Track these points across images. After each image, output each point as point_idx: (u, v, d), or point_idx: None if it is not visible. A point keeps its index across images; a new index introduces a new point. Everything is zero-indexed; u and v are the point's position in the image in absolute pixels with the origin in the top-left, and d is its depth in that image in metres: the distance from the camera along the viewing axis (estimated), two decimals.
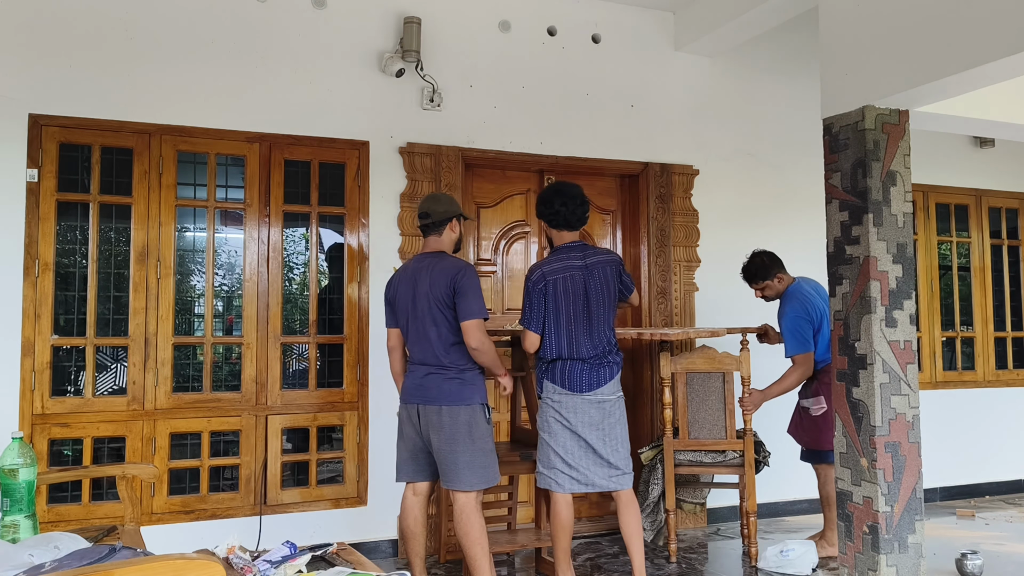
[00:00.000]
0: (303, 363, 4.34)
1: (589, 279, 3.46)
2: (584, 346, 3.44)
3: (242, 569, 1.97)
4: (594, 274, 3.48)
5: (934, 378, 5.86)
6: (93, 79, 3.97)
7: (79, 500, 3.88)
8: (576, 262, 3.48)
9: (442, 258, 3.37)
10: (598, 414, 3.44)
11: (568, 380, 3.43)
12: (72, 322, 3.95)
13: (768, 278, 4.34)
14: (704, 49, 5.15)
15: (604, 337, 3.48)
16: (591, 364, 3.45)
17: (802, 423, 4.32)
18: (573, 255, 3.50)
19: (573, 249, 3.52)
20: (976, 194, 6.13)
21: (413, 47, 4.40)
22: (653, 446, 4.40)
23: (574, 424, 3.42)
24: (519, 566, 4.21)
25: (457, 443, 3.23)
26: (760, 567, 4.12)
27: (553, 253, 3.57)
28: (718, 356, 4.27)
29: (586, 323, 3.45)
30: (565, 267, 3.46)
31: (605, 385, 3.46)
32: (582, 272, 3.46)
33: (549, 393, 3.48)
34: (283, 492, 4.21)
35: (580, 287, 3.45)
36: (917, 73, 3.33)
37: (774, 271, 4.33)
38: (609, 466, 3.44)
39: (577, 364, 3.44)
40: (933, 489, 5.70)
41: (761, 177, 5.33)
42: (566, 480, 3.42)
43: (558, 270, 3.45)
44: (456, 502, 3.29)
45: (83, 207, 4.00)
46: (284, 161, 4.30)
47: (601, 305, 3.47)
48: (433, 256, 3.39)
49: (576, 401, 3.42)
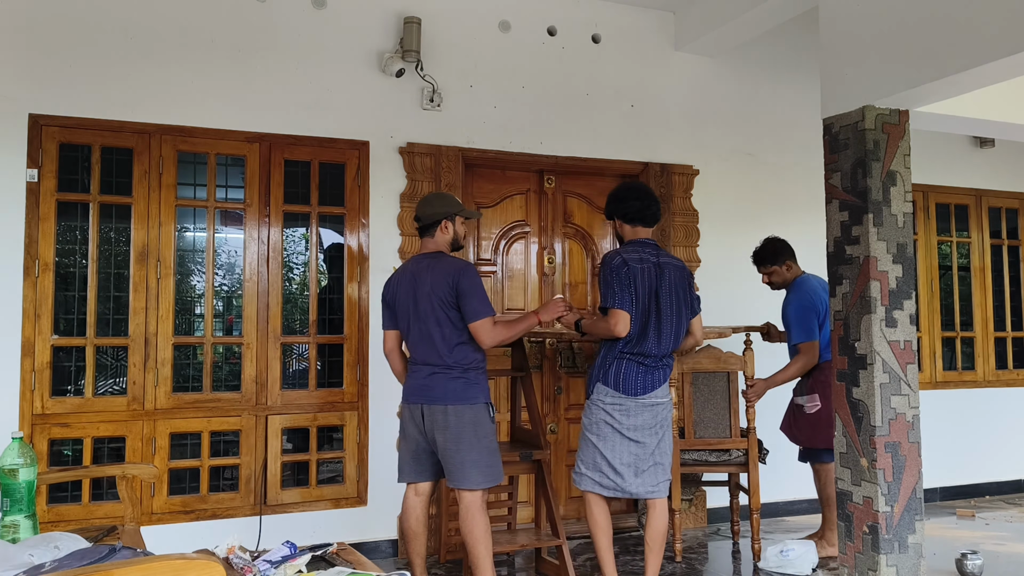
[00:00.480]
0: (303, 363, 4.34)
1: (660, 277, 3.42)
2: (651, 342, 3.37)
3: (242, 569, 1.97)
4: (665, 274, 3.42)
5: (934, 378, 5.86)
6: (93, 79, 3.97)
7: (79, 500, 3.88)
8: (651, 258, 3.44)
9: (440, 258, 3.35)
10: (651, 418, 3.40)
11: (623, 383, 3.36)
12: (72, 322, 3.95)
13: (777, 263, 4.35)
14: (704, 49, 5.15)
15: (671, 340, 3.42)
16: (648, 366, 3.39)
17: (796, 421, 4.32)
18: (647, 251, 3.46)
19: (647, 245, 3.49)
20: (976, 194, 6.13)
21: (413, 47, 4.40)
22: None
23: (626, 427, 3.36)
24: (519, 566, 4.21)
25: (463, 442, 3.22)
26: (760, 567, 4.12)
27: (627, 245, 3.52)
28: (723, 356, 4.27)
29: (656, 320, 3.38)
30: (641, 259, 3.40)
31: (659, 388, 3.41)
32: (655, 268, 3.42)
33: (600, 395, 3.40)
34: (283, 492, 4.21)
35: (653, 282, 3.39)
36: (917, 73, 3.33)
37: (783, 258, 4.34)
38: (654, 470, 3.39)
39: (634, 365, 3.37)
40: (933, 489, 5.70)
41: (761, 177, 5.33)
42: (609, 485, 3.38)
43: (635, 260, 3.39)
44: (462, 501, 3.27)
45: (83, 207, 4.00)
46: (284, 161, 4.30)
47: (670, 306, 3.41)
48: (431, 256, 3.38)
49: (630, 404, 3.37)
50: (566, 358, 4.94)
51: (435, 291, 3.26)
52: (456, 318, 3.26)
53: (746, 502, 4.37)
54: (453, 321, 3.26)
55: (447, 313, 3.26)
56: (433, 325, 3.27)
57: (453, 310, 3.25)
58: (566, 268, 5.03)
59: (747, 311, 4.96)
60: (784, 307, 4.32)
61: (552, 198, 5.00)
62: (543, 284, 4.93)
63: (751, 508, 4.20)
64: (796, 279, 4.33)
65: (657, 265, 3.42)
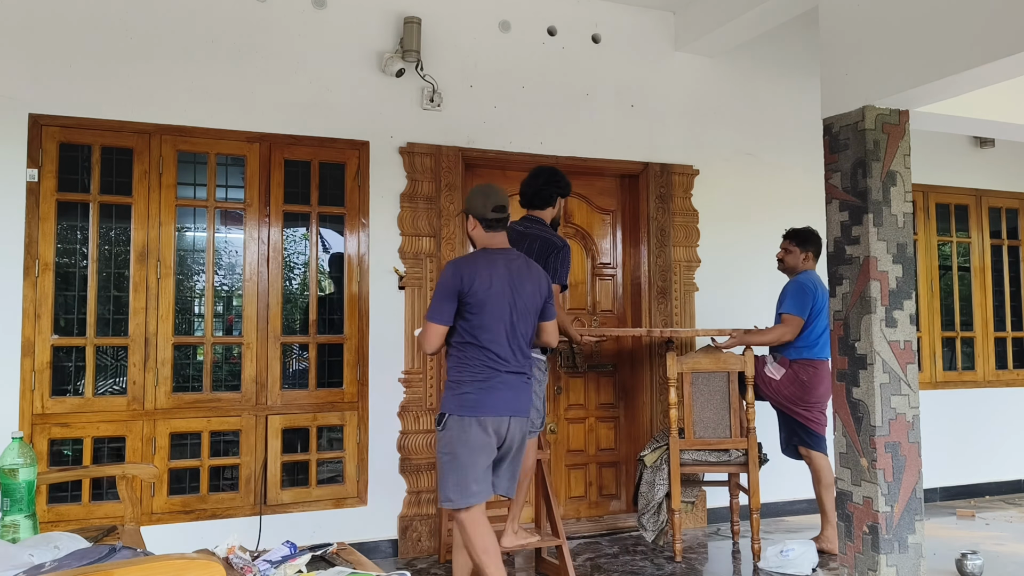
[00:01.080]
0: (303, 363, 4.34)
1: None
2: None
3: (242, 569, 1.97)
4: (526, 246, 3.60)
5: (934, 378, 5.86)
6: (93, 79, 3.97)
7: (79, 500, 3.88)
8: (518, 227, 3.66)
9: (521, 256, 3.18)
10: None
11: None
12: (72, 322, 3.95)
13: (801, 247, 4.45)
14: (704, 49, 5.15)
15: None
16: None
17: (759, 375, 4.37)
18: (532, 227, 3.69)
19: (534, 222, 3.74)
20: (976, 194, 6.13)
21: (413, 47, 4.40)
22: (655, 447, 4.39)
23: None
24: (519, 566, 4.21)
25: (524, 447, 3.17)
26: (760, 567, 4.12)
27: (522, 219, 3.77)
28: (723, 356, 4.27)
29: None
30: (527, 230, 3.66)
31: None
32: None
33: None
34: (283, 492, 4.21)
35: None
36: (917, 73, 3.34)
37: (809, 246, 4.46)
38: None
39: None
40: (933, 489, 5.70)
41: (761, 177, 5.33)
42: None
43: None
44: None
45: (83, 207, 4.00)
46: (284, 161, 4.30)
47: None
48: (511, 252, 3.14)
49: None
50: (566, 358, 4.95)
51: (535, 296, 3.12)
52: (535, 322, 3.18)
53: (746, 502, 4.38)
54: (533, 325, 3.16)
55: (535, 317, 3.15)
56: (525, 327, 3.09)
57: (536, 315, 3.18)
58: None
59: (747, 310, 4.97)
60: (786, 285, 4.45)
61: None
62: None
63: (751, 508, 4.20)
64: (805, 271, 4.44)
65: (521, 234, 3.60)
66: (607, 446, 5.07)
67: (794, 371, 4.31)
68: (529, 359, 3.15)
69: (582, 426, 5.01)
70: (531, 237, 3.61)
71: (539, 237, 3.61)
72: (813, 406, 4.32)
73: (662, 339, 4.75)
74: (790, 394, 4.31)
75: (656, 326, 4.97)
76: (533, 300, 3.11)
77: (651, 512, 4.33)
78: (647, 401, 5.00)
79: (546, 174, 3.80)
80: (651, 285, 5.00)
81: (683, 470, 4.25)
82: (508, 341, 3.03)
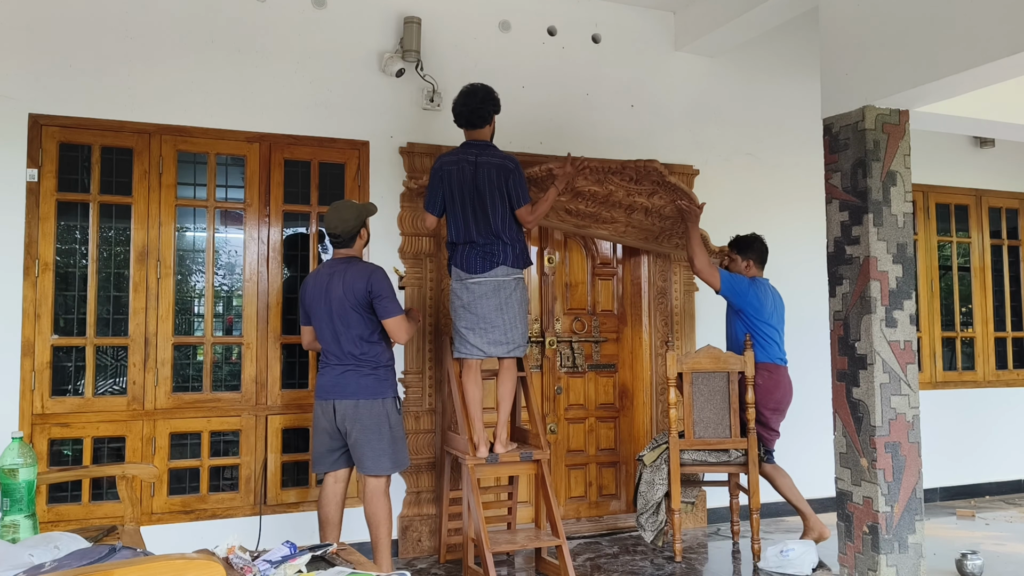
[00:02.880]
0: (303, 363, 4.34)
1: (476, 175, 3.76)
2: (473, 230, 3.78)
3: (242, 569, 1.97)
4: (480, 172, 3.75)
5: (934, 378, 5.86)
6: (93, 79, 3.97)
7: (79, 500, 3.88)
8: (469, 158, 3.79)
9: (352, 263, 3.57)
10: (493, 293, 3.76)
11: (465, 263, 3.78)
12: (72, 322, 3.95)
13: (741, 254, 4.49)
14: (704, 49, 5.15)
15: (490, 226, 3.75)
16: (480, 246, 3.76)
17: None
18: (470, 152, 3.82)
19: (471, 146, 3.85)
20: (976, 194, 6.13)
21: (413, 47, 4.40)
22: (654, 446, 4.39)
23: (466, 303, 3.77)
24: (519, 566, 4.21)
25: (372, 433, 3.48)
26: (760, 567, 4.12)
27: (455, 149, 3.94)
28: (723, 356, 4.27)
29: (473, 211, 3.76)
30: (458, 160, 3.81)
31: (494, 269, 3.75)
32: (471, 167, 3.78)
33: (453, 279, 3.86)
34: (283, 492, 4.21)
35: (468, 180, 3.77)
36: (917, 73, 3.34)
37: (749, 255, 4.49)
38: (505, 342, 3.79)
39: (468, 248, 3.78)
40: (933, 489, 5.70)
41: (761, 177, 5.33)
42: (473, 352, 3.79)
43: (451, 162, 3.81)
44: (367, 486, 3.54)
45: (83, 207, 4.00)
46: (284, 161, 4.30)
47: (485, 198, 3.75)
48: (343, 261, 3.59)
49: (468, 283, 3.77)
50: (566, 358, 4.95)
51: (347, 294, 3.48)
52: (368, 319, 3.52)
53: (746, 502, 4.38)
54: (365, 321, 3.52)
55: (360, 314, 3.50)
56: (343, 325, 3.51)
57: (365, 311, 3.50)
58: (566, 268, 5.03)
59: None
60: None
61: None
62: (543, 284, 4.93)
63: (751, 508, 4.20)
64: (751, 277, 4.44)
65: (475, 165, 3.77)
66: (607, 446, 5.07)
67: (763, 379, 4.30)
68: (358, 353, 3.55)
69: (582, 426, 5.01)
70: (486, 166, 3.77)
71: (493, 164, 3.78)
72: (769, 417, 4.32)
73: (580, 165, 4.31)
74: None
75: (656, 326, 4.98)
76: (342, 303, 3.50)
77: (650, 512, 4.33)
78: (647, 401, 5.00)
79: (482, 92, 3.89)
80: (651, 285, 5.00)
81: (683, 470, 4.25)
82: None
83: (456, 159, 3.82)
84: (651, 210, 4.50)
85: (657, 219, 4.56)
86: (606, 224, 4.53)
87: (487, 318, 3.75)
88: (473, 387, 3.85)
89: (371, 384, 3.52)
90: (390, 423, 3.53)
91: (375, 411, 3.50)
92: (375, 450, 3.49)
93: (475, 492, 3.70)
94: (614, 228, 4.56)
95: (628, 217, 4.52)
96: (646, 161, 4.29)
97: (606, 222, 4.52)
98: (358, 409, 3.49)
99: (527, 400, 4.07)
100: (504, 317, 3.77)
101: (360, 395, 3.50)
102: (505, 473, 4.07)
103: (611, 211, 4.46)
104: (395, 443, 3.55)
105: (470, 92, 3.88)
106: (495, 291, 3.76)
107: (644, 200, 4.44)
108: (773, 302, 4.40)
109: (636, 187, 4.38)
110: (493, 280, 3.75)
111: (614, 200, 4.40)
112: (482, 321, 3.74)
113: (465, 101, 3.86)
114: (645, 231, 4.63)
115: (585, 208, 4.41)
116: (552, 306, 4.92)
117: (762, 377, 4.30)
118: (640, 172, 4.30)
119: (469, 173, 3.76)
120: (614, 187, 4.34)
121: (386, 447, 3.51)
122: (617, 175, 4.31)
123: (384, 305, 3.50)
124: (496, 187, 3.73)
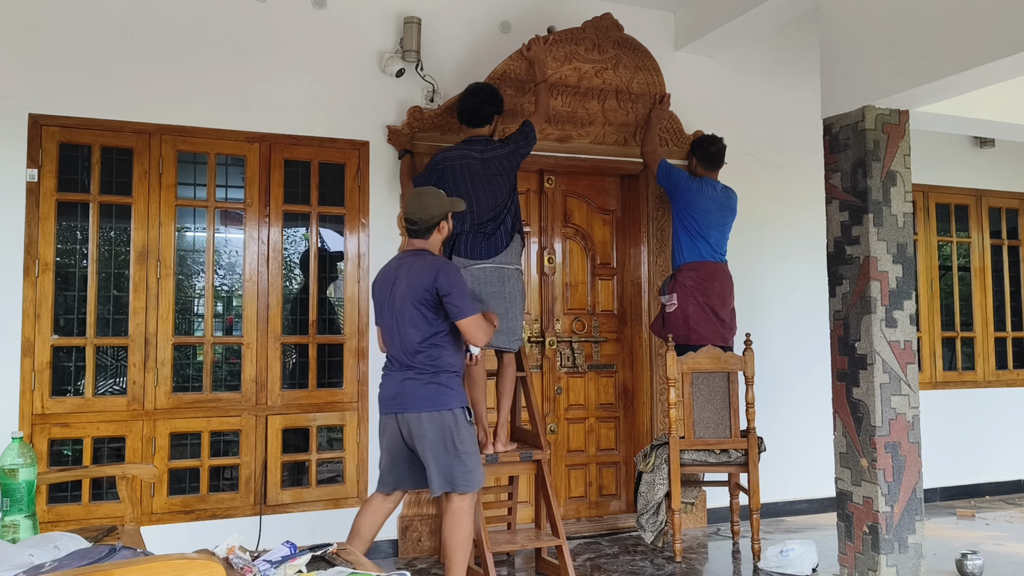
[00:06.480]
0: (303, 363, 4.34)
1: (485, 167, 3.90)
2: (475, 217, 3.91)
3: (242, 569, 1.97)
4: (490, 165, 3.90)
5: (934, 378, 5.86)
6: (93, 79, 3.97)
7: (79, 500, 3.88)
8: (474, 154, 3.90)
9: (421, 256, 3.26)
10: (499, 283, 3.83)
11: (469, 249, 3.85)
12: (72, 322, 3.95)
13: (692, 152, 4.76)
14: (704, 49, 5.15)
15: (489, 210, 3.88)
16: (487, 234, 3.87)
17: (660, 319, 4.59)
18: (475, 148, 3.93)
19: (475, 143, 3.97)
20: (976, 194, 6.13)
21: (413, 47, 4.40)
22: (655, 446, 4.39)
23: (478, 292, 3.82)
24: (519, 566, 4.21)
25: (439, 449, 3.15)
26: (760, 567, 4.13)
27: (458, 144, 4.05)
28: (723, 356, 4.27)
29: (476, 199, 3.85)
30: (463, 155, 3.92)
31: (498, 255, 3.84)
32: (479, 162, 3.91)
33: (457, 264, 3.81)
34: (283, 492, 4.21)
35: (477, 173, 3.90)
36: (917, 73, 3.34)
37: (695, 153, 4.70)
38: (512, 328, 3.86)
39: (474, 235, 3.87)
40: (933, 489, 5.70)
41: (761, 177, 5.33)
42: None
43: (457, 157, 3.93)
44: (449, 503, 3.23)
45: (83, 207, 4.00)
46: (284, 161, 4.30)
47: (488, 187, 3.87)
48: (413, 254, 3.29)
49: (475, 270, 3.82)
50: (566, 358, 4.95)
51: (411, 291, 3.17)
52: (433, 318, 3.18)
53: (746, 502, 4.38)
54: (429, 321, 3.18)
55: (423, 313, 3.17)
56: (408, 325, 3.19)
57: (429, 310, 3.17)
58: (566, 268, 5.03)
59: (747, 310, 4.95)
60: None
61: (552, 198, 5.00)
62: (543, 284, 4.93)
63: (751, 508, 4.20)
64: (699, 177, 4.62)
65: (482, 160, 3.87)
66: (607, 446, 5.07)
67: (683, 276, 4.44)
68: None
69: (582, 426, 5.01)
70: (493, 159, 3.89)
71: (500, 155, 3.92)
72: (719, 308, 4.44)
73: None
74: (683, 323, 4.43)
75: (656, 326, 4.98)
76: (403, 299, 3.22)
77: (650, 512, 4.34)
78: (647, 401, 5.00)
79: (484, 92, 4.02)
80: (651, 285, 5.00)
81: (683, 470, 4.25)
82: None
83: (460, 154, 3.89)
84: (621, 90, 4.73)
85: (628, 102, 4.77)
86: (585, 129, 4.74)
87: (491, 305, 3.75)
88: (474, 388, 3.82)
89: (432, 394, 3.16)
90: (456, 438, 3.16)
91: (439, 424, 3.15)
92: (442, 467, 3.15)
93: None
94: (594, 133, 4.76)
95: (603, 111, 4.73)
96: (601, 16, 4.59)
97: (585, 124, 4.72)
98: (422, 424, 3.15)
99: (527, 400, 4.07)
100: (508, 306, 3.82)
101: (422, 407, 3.15)
102: (505, 473, 4.07)
103: (586, 105, 4.68)
104: (464, 460, 3.17)
105: (473, 92, 4.01)
106: (500, 279, 3.81)
107: (612, 74, 4.68)
108: (716, 203, 4.52)
109: (600, 57, 4.62)
110: (496, 267, 3.81)
111: (586, 87, 4.63)
112: (485, 307, 3.68)
113: (468, 100, 3.99)
114: (623, 128, 4.83)
115: (562, 108, 4.62)
116: (552, 306, 4.92)
117: (690, 278, 4.41)
118: (600, 33, 4.58)
119: (477, 166, 3.87)
120: (580, 62, 4.58)
121: (453, 463, 3.15)
122: (581, 45, 4.58)
123: (455, 304, 3.14)
124: (505, 173, 3.89)
